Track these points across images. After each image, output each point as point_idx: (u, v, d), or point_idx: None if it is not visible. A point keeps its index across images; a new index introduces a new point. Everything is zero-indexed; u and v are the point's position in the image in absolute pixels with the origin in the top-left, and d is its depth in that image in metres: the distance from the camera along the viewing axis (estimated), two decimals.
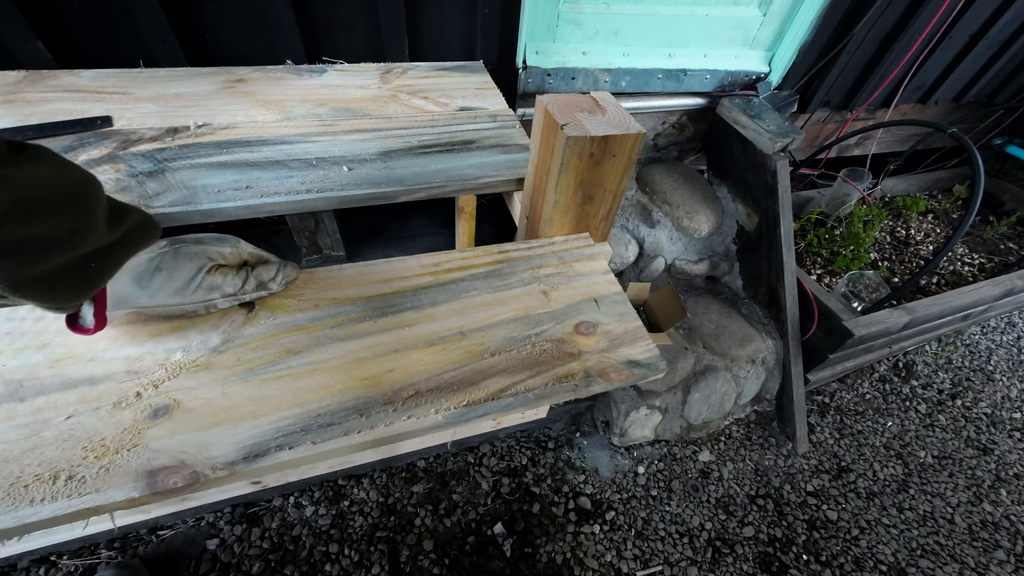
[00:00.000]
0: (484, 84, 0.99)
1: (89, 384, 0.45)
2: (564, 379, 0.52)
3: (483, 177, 0.73)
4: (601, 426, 1.67)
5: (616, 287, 0.63)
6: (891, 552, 1.53)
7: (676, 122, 1.66)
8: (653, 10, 1.30)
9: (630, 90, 1.41)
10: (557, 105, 0.57)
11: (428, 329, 0.54)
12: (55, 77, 0.81)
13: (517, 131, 0.85)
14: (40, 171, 0.35)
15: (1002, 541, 1.59)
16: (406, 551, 1.32)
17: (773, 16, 1.43)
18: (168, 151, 0.69)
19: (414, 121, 0.84)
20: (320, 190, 0.66)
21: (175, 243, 0.48)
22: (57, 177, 0.36)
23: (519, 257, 0.65)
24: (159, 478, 0.39)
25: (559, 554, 1.37)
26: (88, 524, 1.06)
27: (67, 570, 1.17)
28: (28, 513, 0.37)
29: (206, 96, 0.82)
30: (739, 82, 1.54)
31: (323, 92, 0.88)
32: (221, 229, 0.58)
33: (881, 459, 1.79)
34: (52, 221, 0.34)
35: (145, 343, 0.49)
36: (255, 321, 0.52)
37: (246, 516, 1.32)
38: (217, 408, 0.45)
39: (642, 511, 1.51)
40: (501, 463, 1.54)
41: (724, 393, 1.64)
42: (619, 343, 0.57)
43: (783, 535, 1.52)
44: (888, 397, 2.01)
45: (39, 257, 0.34)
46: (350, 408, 0.46)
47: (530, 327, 0.56)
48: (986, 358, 2.24)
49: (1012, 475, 1.79)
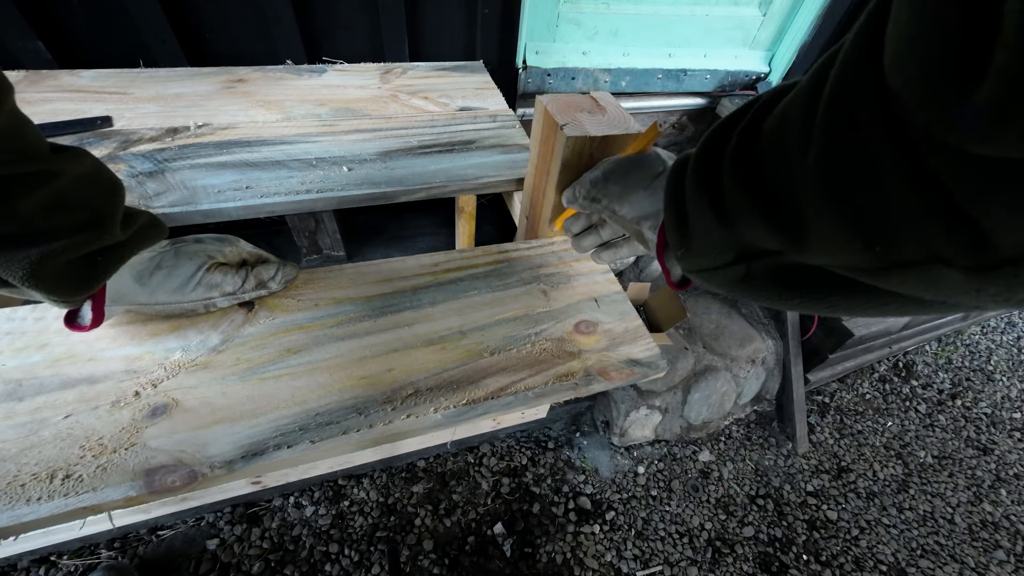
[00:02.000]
0: (484, 84, 0.99)
1: (88, 383, 0.45)
2: (564, 378, 0.52)
3: (483, 177, 0.73)
4: (601, 426, 1.66)
5: (616, 287, 0.63)
6: (891, 552, 1.53)
7: (676, 122, 1.66)
8: (653, 10, 1.30)
9: (630, 90, 1.41)
10: (557, 105, 0.57)
11: (428, 328, 0.54)
12: (55, 77, 0.81)
13: (517, 131, 0.85)
14: (78, 171, 0.37)
15: (1002, 541, 1.59)
16: (406, 551, 1.32)
17: (773, 16, 1.43)
18: (168, 151, 0.69)
19: (414, 121, 0.84)
20: (320, 190, 0.66)
21: (176, 242, 0.48)
22: (92, 178, 0.38)
23: (519, 257, 0.65)
24: (157, 477, 0.39)
25: (559, 554, 1.37)
26: (86, 524, 1.06)
27: (67, 570, 1.17)
28: (25, 512, 0.37)
29: (206, 96, 0.82)
30: (739, 82, 1.54)
31: (323, 92, 0.88)
32: (221, 229, 0.58)
33: (881, 459, 1.79)
34: (81, 219, 0.37)
35: (144, 342, 0.49)
36: (254, 320, 0.52)
37: (246, 516, 1.32)
38: (216, 407, 0.45)
39: (642, 511, 1.51)
40: (501, 463, 1.54)
41: (724, 393, 1.64)
42: (619, 342, 0.56)
43: (783, 535, 1.52)
44: (888, 397, 2.01)
45: (61, 250, 0.36)
46: (349, 407, 0.46)
47: (530, 326, 0.56)
48: (986, 358, 2.24)
49: (1012, 475, 1.79)
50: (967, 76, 0.13)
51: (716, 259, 0.31)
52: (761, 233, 0.26)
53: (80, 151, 0.39)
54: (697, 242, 0.32)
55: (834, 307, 0.26)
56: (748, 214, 0.26)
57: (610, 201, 0.47)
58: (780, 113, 0.23)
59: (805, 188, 0.21)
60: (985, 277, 0.16)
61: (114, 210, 0.40)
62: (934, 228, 0.16)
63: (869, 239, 0.19)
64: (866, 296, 0.23)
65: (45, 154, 0.35)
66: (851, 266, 0.21)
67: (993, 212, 0.14)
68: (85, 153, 0.39)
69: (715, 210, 0.29)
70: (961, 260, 0.16)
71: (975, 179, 0.14)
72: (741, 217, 0.27)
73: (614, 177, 0.47)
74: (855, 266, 0.21)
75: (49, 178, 0.34)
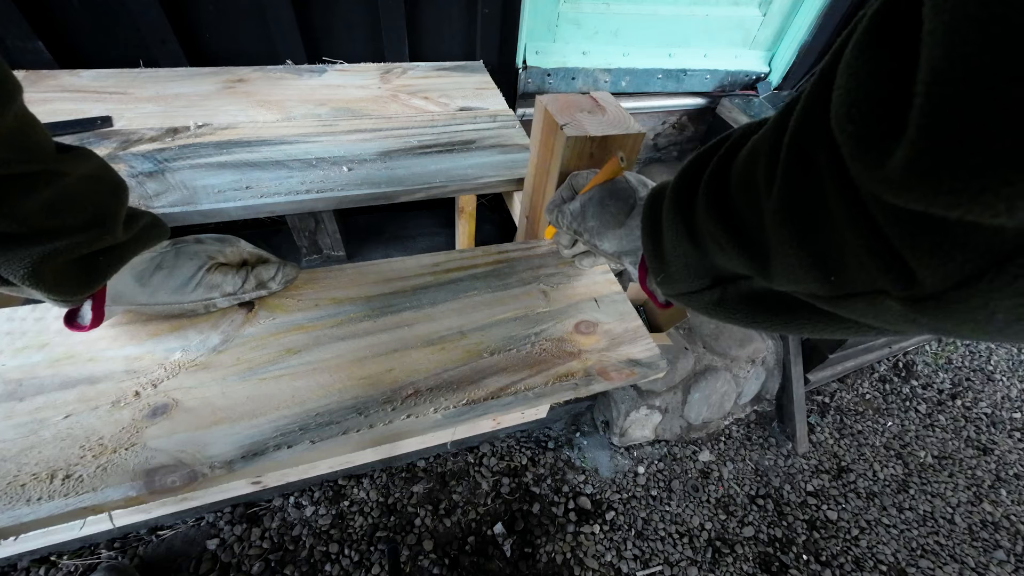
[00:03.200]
0: (484, 84, 0.99)
1: (88, 383, 0.45)
2: (564, 378, 0.52)
3: (483, 177, 0.73)
4: (601, 426, 1.66)
5: (616, 287, 0.63)
6: (891, 552, 1.53)
7: (676, 122, 1.66)
8: (653, 10, 1.30)
9: (630, 90, 1.41)
10: (557, 105, 0.57)
11: (428, 328, 0.54)
12: (55, 77, 0.81)
13: (517, 131, 0.85)
14: (83, 171, 0.37)
15: (1002, 541, 1.59)
16: (406, 551, 1.32)
17: (773, 16, 1.43)
18: (168, 151, 0.69)
19: (414, 121, 0.84)
20: (320, 190, 0.66)
21: (176, 243, 0.48)
22: (97, 179, 0.39)
23: (519, 257, 0.65)
24: (157, 477, 0.39)
25: (559, 554, 1.37)
26: (86, 524, 1.06)
27: (67, 570, 1.17)
28: (25, 512, 0.37)
29: (206, 96, 0.82)
30: (739, 82, 1.54)
31: (323, 92, 0.88)
32: (221, 229, 0.58)
33: (881, 459, 1.79)
34: (84, 219, 0.37)
35: (145, 342, 0.49)
36: (254, 321, 0.52)
37: (246, 516, 1.32)
38: (216, 407, 0.45)
39: (642, 511, 1.51)
40: (501, 463, 1.54)
41: (724, 393, 1.64)
42: (619, 342, 0.56)
43: (783, 535, 1.52)
44: (888, 397, 2.01)
45: (63, 250, 0.36)
46: (349, 407, 0.46)
47: (530, 326, 0.56)
48: (986, 358, 2.24)
49: (1012, 475, 1.79)
50: (886, 141, 0.15)
51: (693, 283, 0.33)
52: (732, 259, 0.28)
53: (86, 151, 0.39)
54: (675, 268, 0.34)
55: (800, 328, 0.28)
56: (721, 241, 0.28)
57: (590, 236, 0.49)
58: (751, 148, 0.25)
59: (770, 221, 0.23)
60: (916, 309, 0.18)
61: (117, 211, 0.40)
62: (875, 264, 0.18)
63: (825, 270, 0.21)
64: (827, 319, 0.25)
65: (51, 154, 0.35)
66: (811, 294, 0.24)
67: (916, 254, 0.16)
68: (91, 153, 0.39)
69: (691, 236, 0.31)
70: (897, 293, 0.18)
71: (900, 224, 0.16)
72: (714, 244, 0.29)
73: (590, 211, 0.48)
74: (814, 294, 0.23)
75: (54, 178, 0.35)
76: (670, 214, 0.33)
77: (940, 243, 0.16)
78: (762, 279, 0.27)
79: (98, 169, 0.39)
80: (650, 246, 0.37)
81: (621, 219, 0.46)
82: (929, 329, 0.19)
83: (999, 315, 0.16)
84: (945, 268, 0.16)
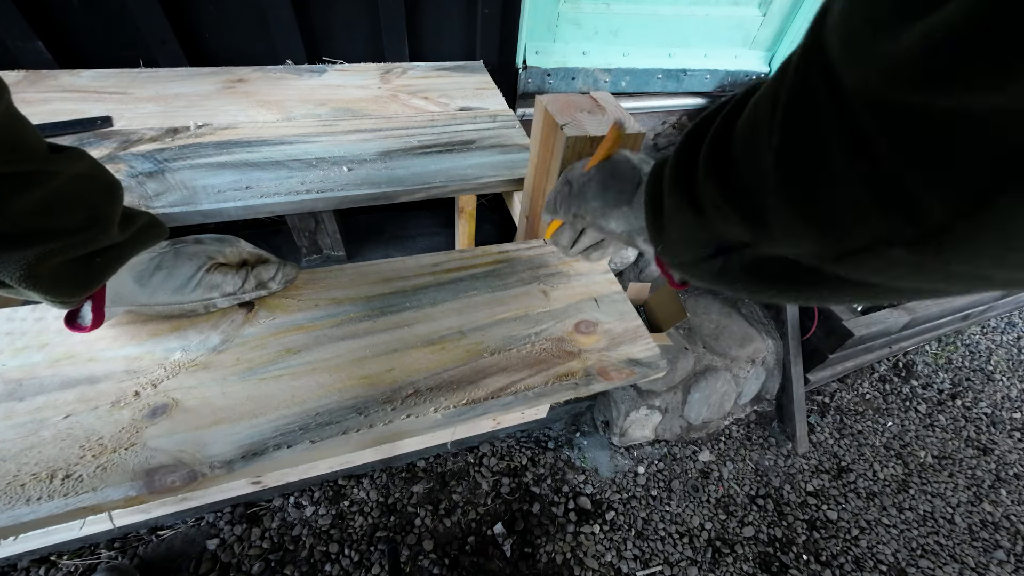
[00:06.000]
0: (484, 84, 0.99)
1: (88, 383, 0.45)
2: (564, 377, 0.52)
3: (483, 177, 0.73)
4: (601, 426, 1.66)
5: (616, 286, 0.63)
6: (891, 552, 1.53)
7: (676, 122, 1.66)
8: (653, 10, 1.30)
9: (630, 90, 1.41)
10: (557, 105, 0.57)
11: (428, 328, 0.54)
12: (55, 77, 0.81)
13: (517, 131, 0.85)
14: (75, 172, 0.37)
15: (1002, 541, 1.59)
16: (406, 551, 1.32)
17: (773, 16, 1.43)
18: (168, 151, 0.69)
19: (414, 121, 0.83)
20: (320, 190, 0.66)
21: (176, 243, 0.48)
22: (89, 179, 0.38)
23: (519, 257, 0.65)
24: (157, 477, 0.39)
25: (559, 554, 1.37)
26: (86, 524, 1.06)
27: (67, 570, 1.17)
28: (25, 512, 0.37)
29: (206, 96, 0.82)
30: (739, 82, 1.54)
31: (323, 92, 0.88)
32: (221, 229, 0.58)
33: (881, 459, 1.79)
34: (78, 219, 0.37)
35: (144, 343, 0.49)
36: (254, 321, 0.52)
37: (246, 516, 1.32)
38: (216, 407, 0.45)
39: (642, 511, 1.51)
40: (501, 463, 1.54)
41: (724, 393, 1.64)
42: (619, 342, 0.56)
43: (783, 535, 1.52)
44: (888, 397, 2.01)
45: (58, 250, 0.36)
46: (349, 407, 0.46)
47: (530, 326, 0.56)
48: (986, 358, 2.24)
49: (1012, 475, 1.79)
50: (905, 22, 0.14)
51: (696, 252, 0.33)
52: (734, 225, 0.27)
53: (78, 151, 0.38)
54: (677, 236, 0.34)
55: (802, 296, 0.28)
56: (722, 207, 0.27)
57: (594, 217, 0.47)
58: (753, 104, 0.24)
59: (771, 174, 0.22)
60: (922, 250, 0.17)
61: (112, 211, 0.40)
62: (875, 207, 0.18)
63: (825, 227, 0.20)
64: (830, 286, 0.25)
65: (42, 154, 0.35)
66: (814, 254, 0.23)
67: (921, 177, 0.16)
68: (83, 153, 0.39)
69: (692, 204, 0.30)
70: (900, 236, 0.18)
71: (903, 146, 0.16)
72: (716, 210, 0.28)
73: (591, 192, 0.46)
74: (818, 254, 0.23)
75: (46, 178, 0.34)
76: (671, 181, 0.32)
77: (947, 159, 0.14)
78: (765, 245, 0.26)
79: (91, 169, 0.39)
80: (651, 216, 0.36)
81: (627, 197, 0.44)
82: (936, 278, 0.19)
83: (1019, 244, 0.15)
84: (955, 189, 0.15)
